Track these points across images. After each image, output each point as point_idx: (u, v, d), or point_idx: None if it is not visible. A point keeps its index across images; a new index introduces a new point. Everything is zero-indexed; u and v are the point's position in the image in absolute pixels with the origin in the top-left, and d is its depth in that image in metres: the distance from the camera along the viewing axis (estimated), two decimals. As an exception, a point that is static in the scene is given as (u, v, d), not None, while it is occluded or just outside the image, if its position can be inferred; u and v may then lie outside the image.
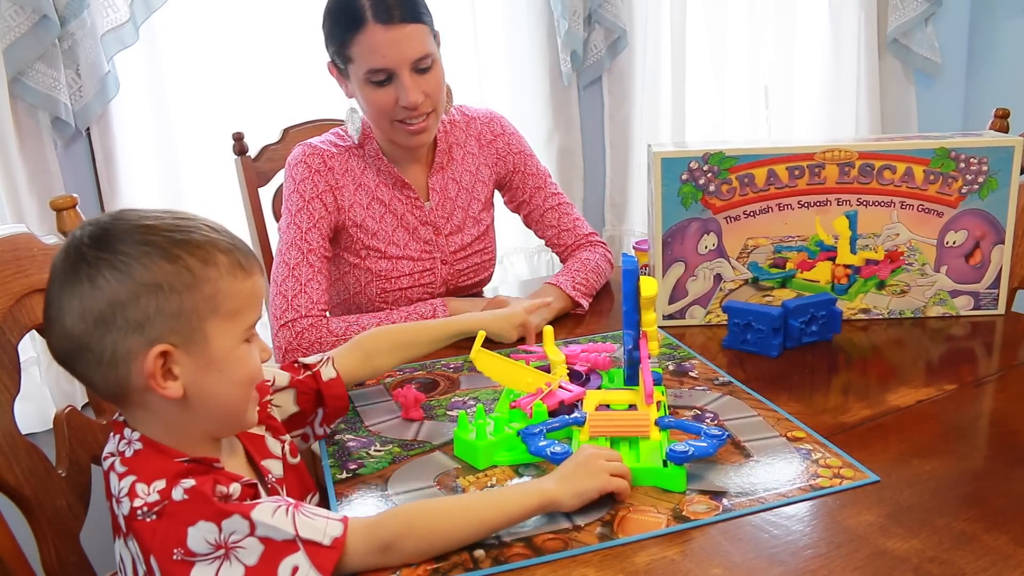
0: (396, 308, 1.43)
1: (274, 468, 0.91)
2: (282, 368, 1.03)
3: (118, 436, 0.82)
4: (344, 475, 0.99)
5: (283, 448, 0.94)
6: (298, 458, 0.97)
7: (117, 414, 0.84)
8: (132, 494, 0.76)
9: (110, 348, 0.76)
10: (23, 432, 1.00)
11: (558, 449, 0.94)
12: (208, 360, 0.79)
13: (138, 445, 0.80)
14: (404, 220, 1.48)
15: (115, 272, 0.75)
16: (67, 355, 0.79)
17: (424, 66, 1.34)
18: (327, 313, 1.39)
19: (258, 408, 0.89)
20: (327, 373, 1.04)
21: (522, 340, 1.31)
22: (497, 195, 1.63)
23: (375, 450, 1.04)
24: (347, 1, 1.32)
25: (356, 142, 1.45)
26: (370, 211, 1.45)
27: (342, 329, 1.33)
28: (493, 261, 1.61)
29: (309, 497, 0.97)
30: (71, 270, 0.77)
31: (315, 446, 1.07)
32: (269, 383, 0.99)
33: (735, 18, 2.44)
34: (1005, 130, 1.54)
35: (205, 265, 0.78)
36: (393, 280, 1.47)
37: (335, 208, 1.43)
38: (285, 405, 1.01)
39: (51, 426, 1.06)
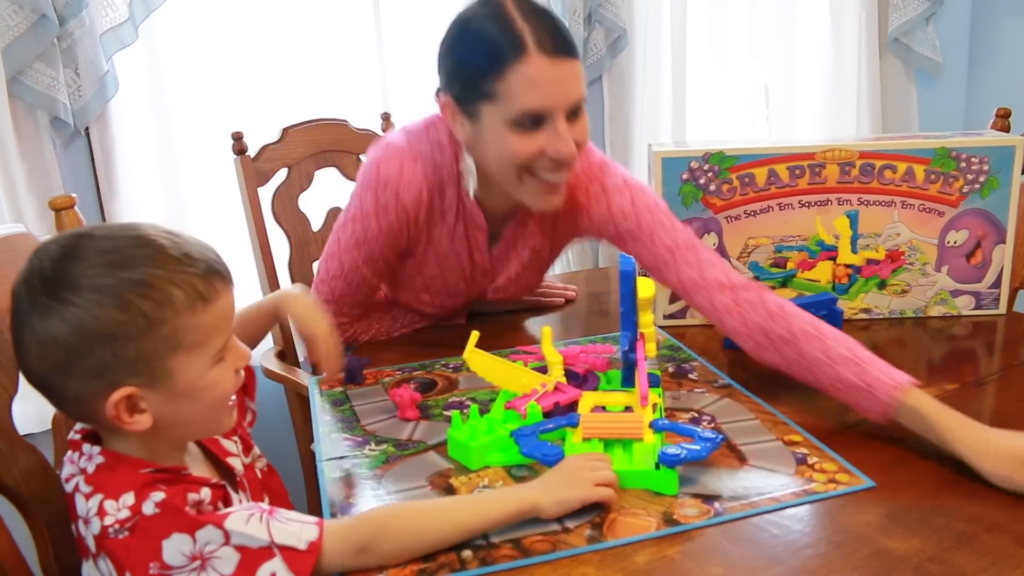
0: None
1: (236, 465, 0.92)
2: None
3: (77, 454, 0.81)
4: (338, 474, 0.98)
5: (237, 446, 0.94)
6: (250, 458, 0.96)
7: (73, 431, 0.83)
8: (101, 512, 0.75)
9: (73, 391, 0.76)
10: (21, 433, 1.00)
11: (550, 451, 0.93)
12: (175, 392, 0.78)
13: (100, 459, 0.79)
14: (461, 260, 1.33)
15: (65, 324, 0.73)
16: (36, 386, 0.79)
17: (577, 110, 1.15)
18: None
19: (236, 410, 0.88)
20: None
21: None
22: None
23: (370, 449, 1.04)
24: (500, 23, 1.09)
25: (473, 197, 1.25)
26: (432, 238, 1.29)
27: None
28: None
29: (265, 500, 0.96)
30: (25, 313, 0.75)
31: (313, 446, 1.07)
32: None
33: (735, 18, 2.44)
34: (1006, 130, 1.53)
35: (160, 307, 0.75)
36: (418, 294, 1.38)
37: (404, 237, 1.28)
38: None
39: (50, 427, 1.06)
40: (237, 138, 1.72)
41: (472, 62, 1.12)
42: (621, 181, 1.26)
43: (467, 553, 0.82)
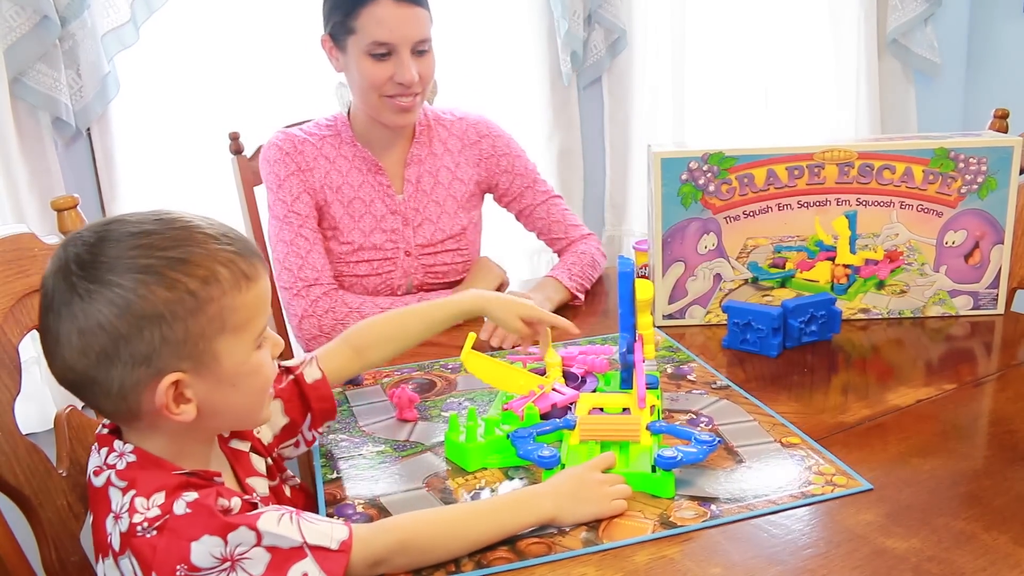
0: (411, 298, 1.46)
1: (259, 486, 0.89)
2: None
3: (106, 449, 0.78)
4: (335, 475, 0.99)
5: (267, 465, 0.92)
6: (277, 480, 0.94)
7: (100, 426, 0.82)
8: (131, 510, 0.73)
9: (117, 381, 0.74)
10: (23, 432, 1.00)
11: (547, 453, 0.93)
12: (221, 377, 0.77)
13: (131, 458, 0.77)
14: (372, 207, 1.50)
15: (112, 307, 0.71)
16: (72, 385, 0.77)
17: (422, 49, 1.41)
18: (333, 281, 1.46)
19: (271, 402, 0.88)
20: (311, 374, 0.99)
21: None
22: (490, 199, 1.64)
23: (367, 450, 1.04)
24: None
25: (347, 113, 1.51)
26: (339, 194, 1.48)
27: (357, 303, 1.42)
28: (470, 264, 1.59)
29: None
30: (64, 303, 0.73)
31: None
32: None
33: (735, 18, 2.45)
34: (1004, 130, 1.54)
35: (207, 285, 0.74)
36: (351, 265, 1.49)
37: (309, 188, 1.47)
38: (274, 419, 0.96)
39: (52, 426, 1.06)
40: (234, 138, 1.72)
41: (339, 4, 1.40)
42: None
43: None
